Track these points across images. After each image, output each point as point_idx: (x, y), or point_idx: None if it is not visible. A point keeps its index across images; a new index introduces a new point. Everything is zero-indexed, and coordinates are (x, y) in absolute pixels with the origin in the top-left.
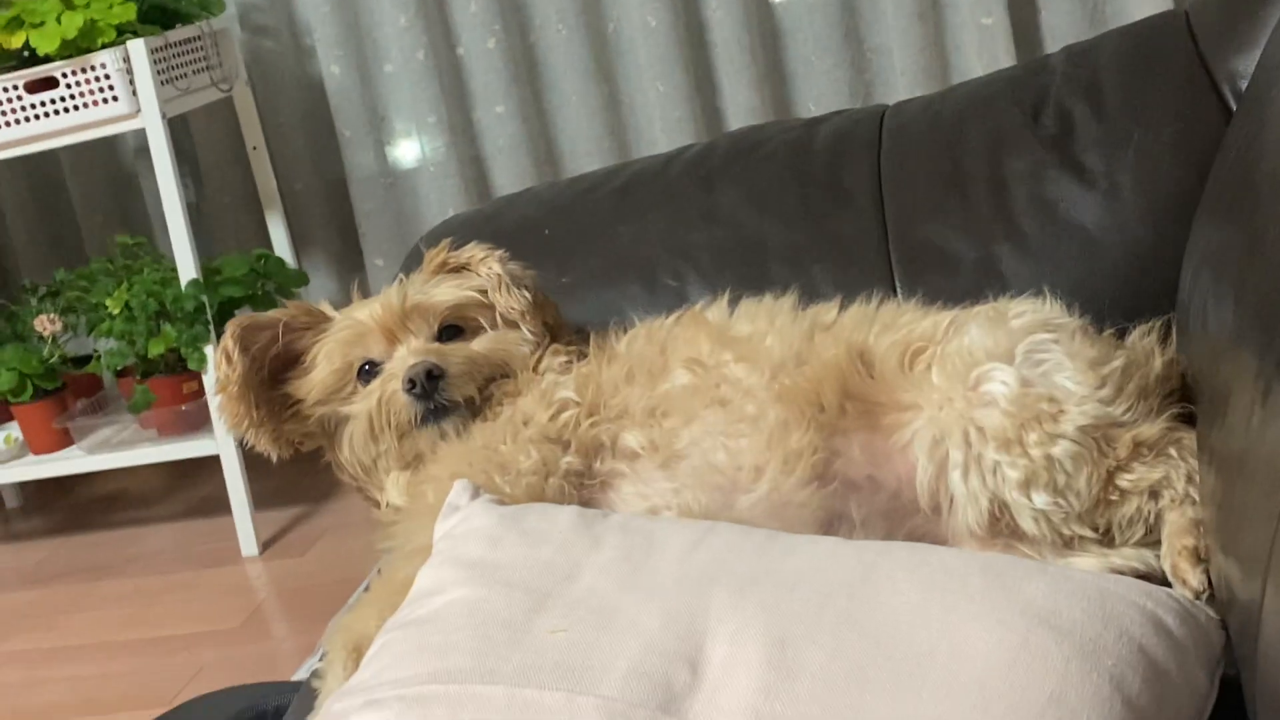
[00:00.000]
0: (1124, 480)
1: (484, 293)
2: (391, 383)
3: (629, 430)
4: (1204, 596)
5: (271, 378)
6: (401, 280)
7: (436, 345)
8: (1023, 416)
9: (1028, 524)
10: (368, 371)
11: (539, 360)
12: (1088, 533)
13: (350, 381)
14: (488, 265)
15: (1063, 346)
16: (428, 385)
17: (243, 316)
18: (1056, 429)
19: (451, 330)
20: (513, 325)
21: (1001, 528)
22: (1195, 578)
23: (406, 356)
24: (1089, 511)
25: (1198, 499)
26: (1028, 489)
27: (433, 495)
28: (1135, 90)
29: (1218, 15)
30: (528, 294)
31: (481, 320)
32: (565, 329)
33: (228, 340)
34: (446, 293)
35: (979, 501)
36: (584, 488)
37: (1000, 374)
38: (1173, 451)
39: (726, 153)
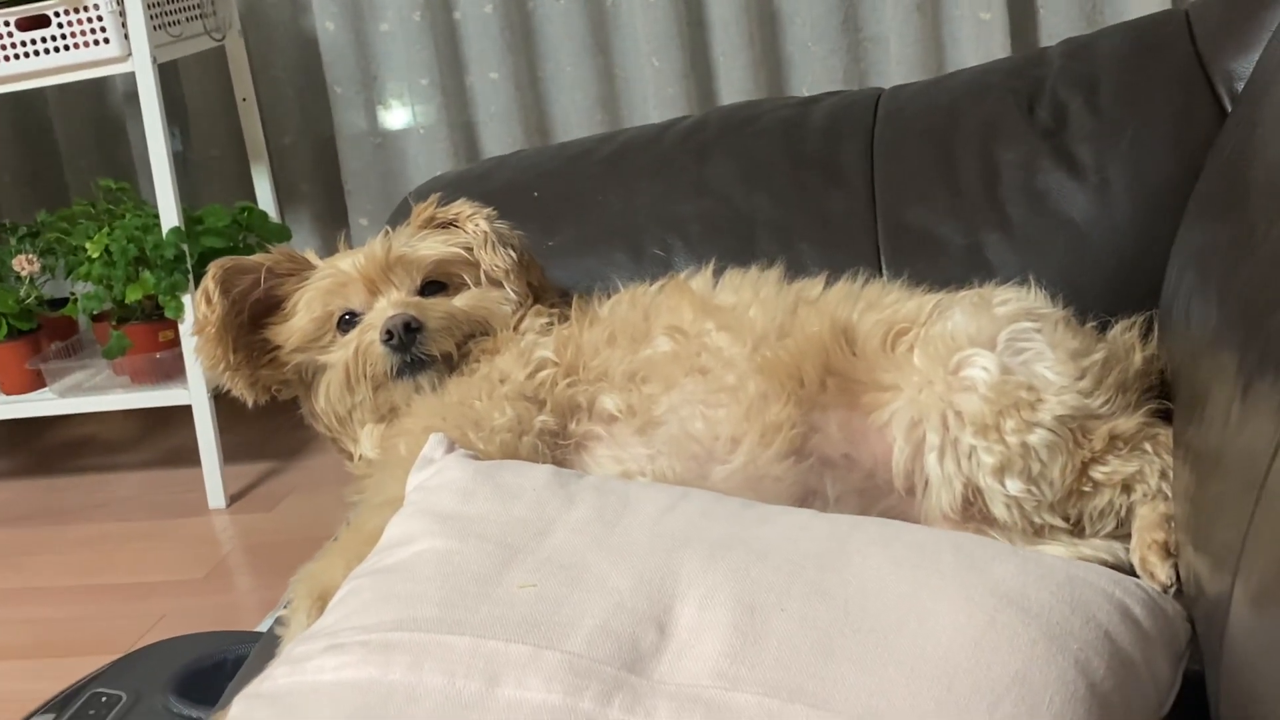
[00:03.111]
0: (1098, 472)
1: (469, 249)
2: (369, 333)
3: (607, 393)
4: (1171, 591)
5: (251, 322)
6: (388, 232)
7: (417, 299)
8: (1001, 403)
9: (1000, 510)
10: (347, 321)
11: (520, 320)
12: (1058, 522)
13: (329, 331)
14: (474, 222)
15: (1045, 336)
16: (405, 338)
17: (226, 258)
18: (1034, 417)
19: (435, 286)
20: (496, 284)
21: (974, 513)
22: (1164, 572)
23: (386, 308)
24: (1061, 501)
25: (1170, 495)
26: (1002, 475)
27: (405, 448)
28: (1131, 86)
29: (1218, 16)
30: (513, 253)
31: (465, 277)
32: (549, 291)
33: (209, 281)
34: (431, 247)
35: (953, 485)
36: (558, 448)
37: (981, 359)
38: (1148, 446)
39: (720, 126)
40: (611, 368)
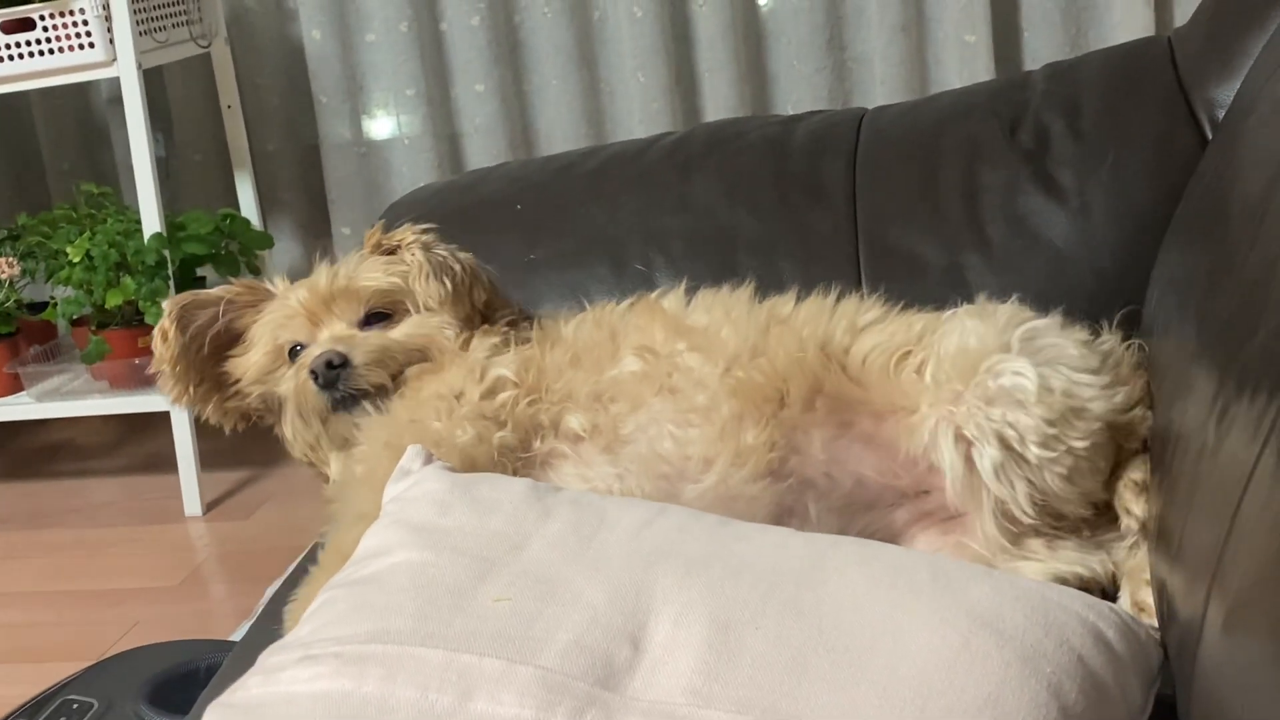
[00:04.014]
0: (1128, 447)
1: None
2: (302, 371)
3: (573, 413)
4: (1138, 527)
5: (214, 354)
6: (336, 260)
7: (350, 332)
8: (1054, 412)
9: (1072, 509)
10: (297, 353)
11: (468, 341)
12: (1105, 496)
13: (283, 363)
14: (411, 251)
15: (1055, 332)
16: (328, 375)
17: (184, 294)
18: (1088, 426)
19: (380, 314)
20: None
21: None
22: (1139, 506)
23: (318, 345)
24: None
25: None
26: (1072, 479)
27: (363, 468)
28: (1114, 112)
29: (1200, 44)
30: (448, 283)
31: (409, 304)
32: (504, 309)
33: (165, 319)
34: (372, 278)
35: (1018, 494)
36: (519, 461)
37: (1012, 365)
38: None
39: (704, 142)
40: (576, 389)
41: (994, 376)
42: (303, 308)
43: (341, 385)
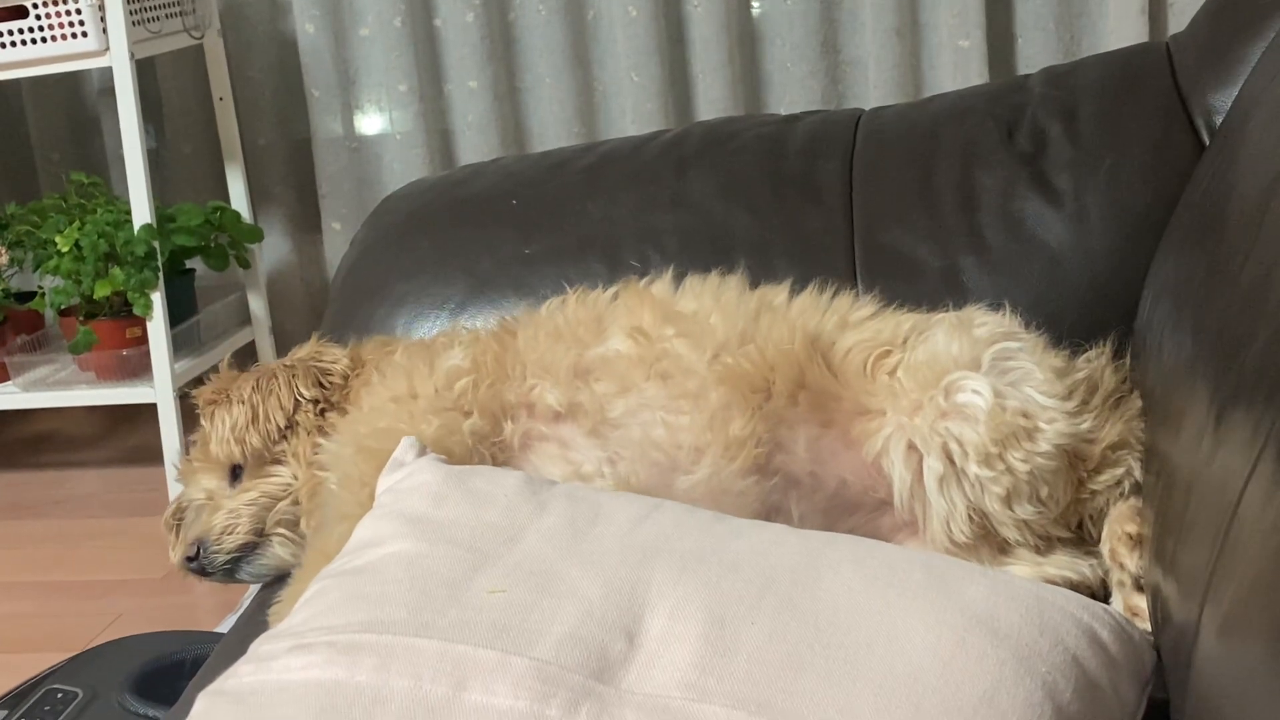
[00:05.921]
0: (1096, 483)
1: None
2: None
3: (549, 389)
4: (1140, 581)
5: None
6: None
7: (211, 497)
8: (1001, 432)
9: (1010, 533)
10: None
11: (346, 397)
12: (1064, 533)
13: None
14: (207, 417)
15: (1028, 355)
16: (192, 567)
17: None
18: (1035, 447)
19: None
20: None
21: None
22: (1133, 562)
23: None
24: (1065, 513)
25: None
26: (1010, 502)
27: (336, 476)
28: (1111, 116)
29: (1198, 50)
30: (230, 439)
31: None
32: (373, 354)
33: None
34: (215, 444)
35: (958, 512)
36: (497, 448)
37: (972, 383)
38: (1132, 440)
39: (701, 140)
40: (556, 361)
41: (952, 392)
42: (194, 474)
43: (211, 569)
